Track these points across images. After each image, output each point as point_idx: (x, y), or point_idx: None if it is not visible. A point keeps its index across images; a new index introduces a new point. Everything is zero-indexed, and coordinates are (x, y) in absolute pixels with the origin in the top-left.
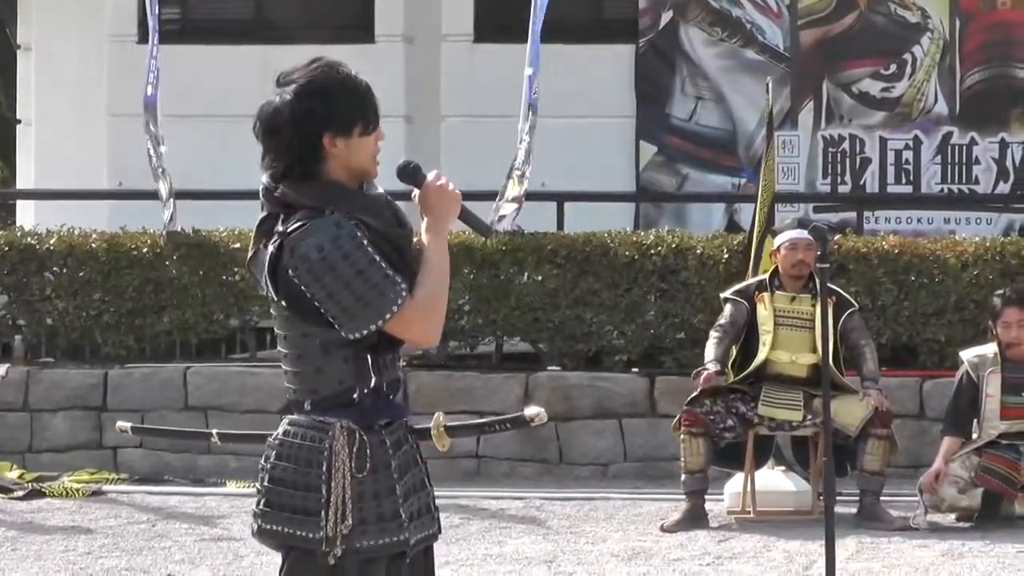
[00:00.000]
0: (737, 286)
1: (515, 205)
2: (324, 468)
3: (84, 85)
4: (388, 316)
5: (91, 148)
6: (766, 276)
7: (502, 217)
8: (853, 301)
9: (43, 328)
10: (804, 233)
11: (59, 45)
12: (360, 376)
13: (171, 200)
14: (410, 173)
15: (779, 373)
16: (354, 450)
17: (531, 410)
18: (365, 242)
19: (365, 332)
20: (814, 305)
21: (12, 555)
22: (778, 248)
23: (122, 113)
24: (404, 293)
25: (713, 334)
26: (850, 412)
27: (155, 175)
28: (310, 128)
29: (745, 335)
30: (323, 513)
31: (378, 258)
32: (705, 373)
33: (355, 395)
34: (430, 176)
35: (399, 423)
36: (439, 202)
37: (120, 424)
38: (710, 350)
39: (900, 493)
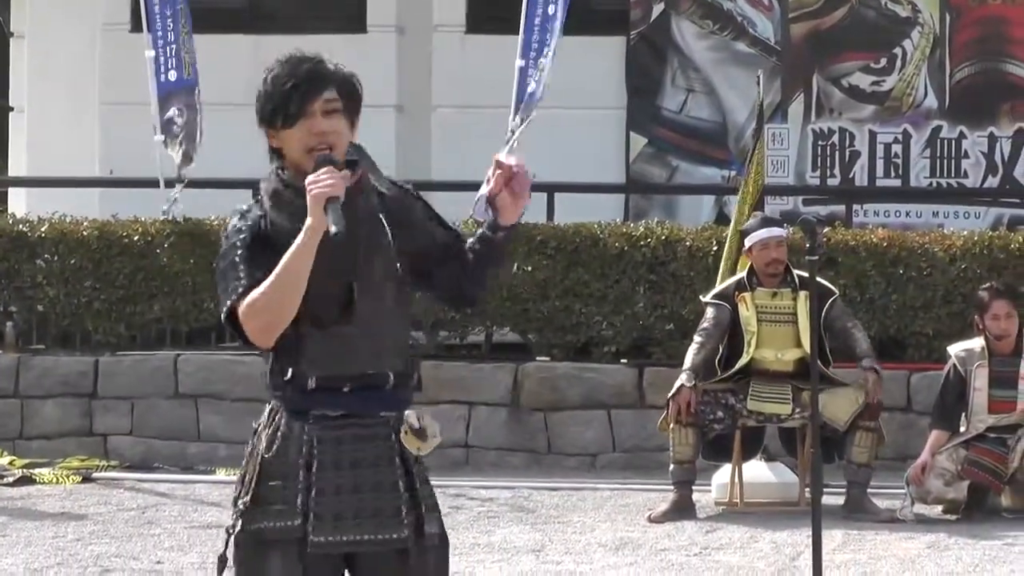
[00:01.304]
0: (717, 289)
1: None
2: (249, 446)
3: (77, 73)
4: (223, 311)
5: (83, 136)
6: (743, 275)
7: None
8: (832, 287)
9: (34, 315)
10: (774, 231)
11: (52, 33)
12: (283, 365)
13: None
14: (316, 165)
15: (766, 370)
16: (267, 430)
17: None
18: (242, 238)
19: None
20: (795, 299)
21: (2, 541)
22: (749, 249)
23: (114, 102)
24: (236, 294)
25: (696, 339)
26: (839, 406)
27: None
28: (257, 119)
29: (730, 334)
30: (237, 490)
31: (240, 256)
32: (679, 397)
33: (278, 381)
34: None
35: (371, 419)
36: (309, 199)
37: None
38: (689, 357)
39: (887, 485)
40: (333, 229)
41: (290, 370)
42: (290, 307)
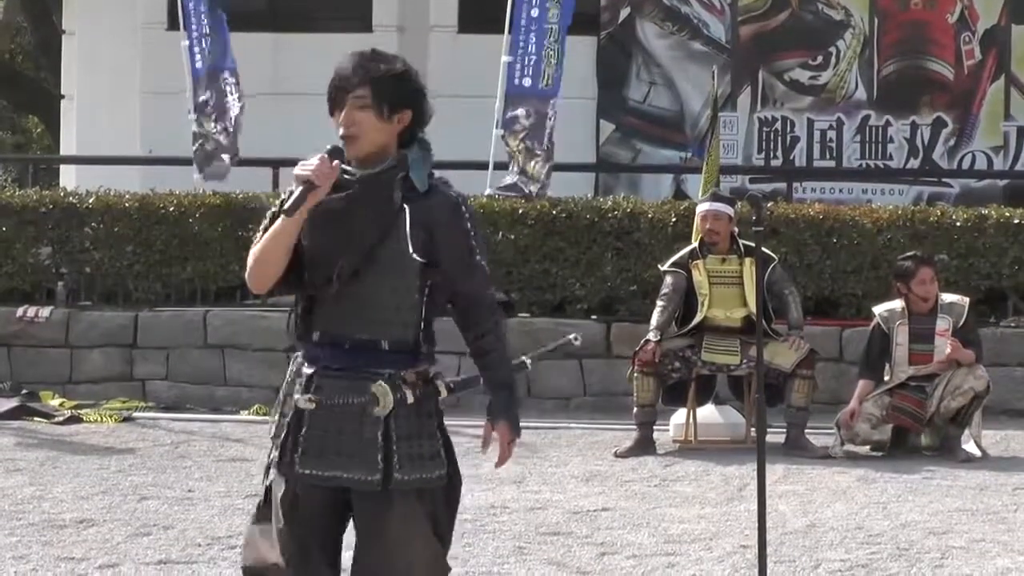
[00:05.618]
0: (673, 258)
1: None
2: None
3: (120, 66)
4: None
5: (125, 120)
6: (695, 245)
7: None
8: (772, 254)
9: (82, 275)
10: (714, 205)
11: (98, 31)
12: (301, 319)
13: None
14: (329, 153)
15: (717, 326)
16: (289, 375)
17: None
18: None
19: None
20: (741, 264)
21: (53, 472)
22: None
23: (153, 91)
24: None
25: (659, 303)
26: (784, 354)
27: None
28: None
29: (686, 296)
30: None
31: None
32: (646, 348)
33: (298, 333)
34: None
35: (368, 373)
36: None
37: None
38: (655, 318)
39: (821, 426)
40: (286, 206)
41: (303, 324)
42: (274, 263)
